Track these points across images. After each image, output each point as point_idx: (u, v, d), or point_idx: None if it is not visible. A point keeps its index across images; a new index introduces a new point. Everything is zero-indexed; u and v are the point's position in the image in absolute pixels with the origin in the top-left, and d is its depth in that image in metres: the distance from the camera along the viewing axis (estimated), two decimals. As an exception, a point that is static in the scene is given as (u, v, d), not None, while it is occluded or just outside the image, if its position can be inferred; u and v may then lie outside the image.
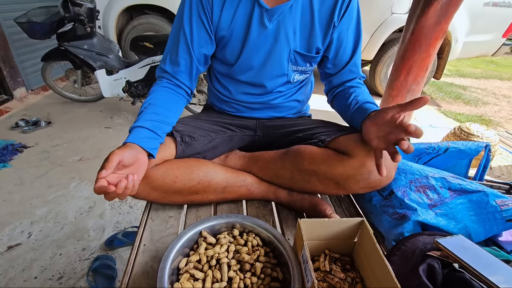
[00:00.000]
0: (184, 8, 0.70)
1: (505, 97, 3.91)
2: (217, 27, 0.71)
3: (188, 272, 0.53)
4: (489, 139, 0.94)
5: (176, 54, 0.72)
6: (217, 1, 0.68)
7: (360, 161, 0.60)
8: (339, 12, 0.69)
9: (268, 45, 0.72)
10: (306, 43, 0.72)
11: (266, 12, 0.68)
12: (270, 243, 0.59)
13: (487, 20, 2.87)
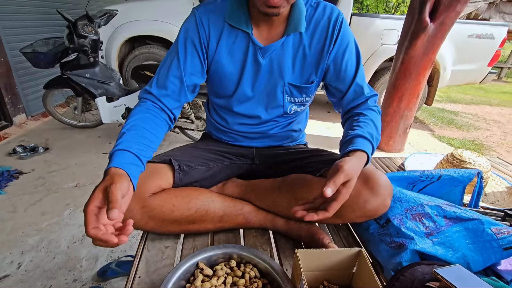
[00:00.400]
0: (180, 36, 0.72)
1: (495, 122, 4.01)
2: (212, 58, 0.73)
3: None
4: (481, 166, 0.97)
5: (165, 78, 0.71)
6: (213, 34, 0.72)
7: (355, 191, 0.61)
8: (331, 39, 0.72)
9: (263, 79, 0.75)
10: (300, 75, 0.76)
11: (260, 50, 0.72)
12: (268, 275, 0.58)
13: (472, 50, 3.04)
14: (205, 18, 0.71)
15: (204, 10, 0.71)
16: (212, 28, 0.71)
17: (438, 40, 2.11)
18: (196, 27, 0.71)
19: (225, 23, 0.71)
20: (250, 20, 0.70)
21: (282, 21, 0.71)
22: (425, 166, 1.17)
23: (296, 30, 0.70)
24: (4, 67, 2.32)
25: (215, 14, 0.71)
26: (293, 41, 0.72)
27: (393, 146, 2.53)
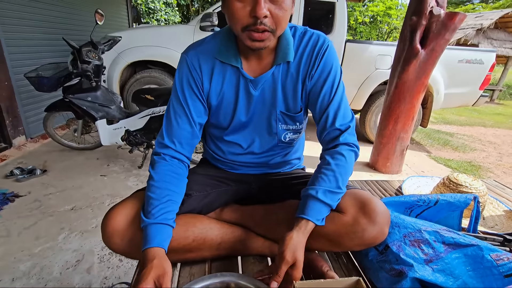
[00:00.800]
0: (177, 84, 0.74)
1: (491, 143, 4.06)
2: (208, 95, 0.75)
3: None
4: (477, 190, 0.97)
5: (176, 127, 0.73)
6: (206, 73, 0.73)
7: (352, 219, 0.61)
8: (314, 63, 0.72)
9: (257, 110, 0.77)
10: (291, 103, 0.76)
11: (251, 82, 0.73)
12: None
13: (463, 74, 3.14)
14: (196, 60, 0.72)
15: (193, 53, 0.73)
16: (203, 67, 0.73)
17: (429, 66, 2.19)
18: (189, 71, 0.72)
19: (215, 59, 0.72)
20: (239, 55, 0.71)
21: (270, 52, 0.72)
22: (422, 189, 1.18)
23: (284, 60, 0.71)
24: (8, 91, 2.37)
25: (204, 53, 0.73)
26: (282, 70, 0.73)
27: (390, 167, 2.55)
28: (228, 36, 0.71)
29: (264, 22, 0.58)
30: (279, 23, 0.61)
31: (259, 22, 0.58)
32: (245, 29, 0.60)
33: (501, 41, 7.79)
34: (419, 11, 2.08)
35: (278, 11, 0.59)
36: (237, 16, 0.59)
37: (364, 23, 14.47)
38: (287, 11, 0.61)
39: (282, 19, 0.61)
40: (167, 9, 10.53)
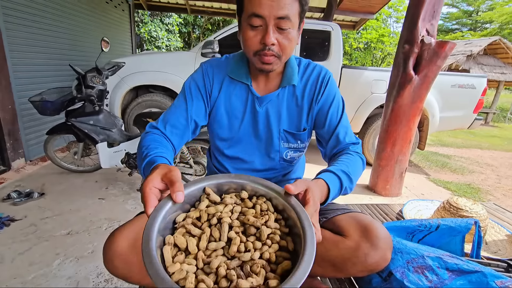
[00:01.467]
0: (188, 82, 0.83)
1: (488, 166, 4.09)
2: (214, 103, 0.83)
3: (184, 227, 0.47)
4: (477, 214, 0.98)
5: (173, 116, 0.79)
6: (216, 83, 0.83)
7: (355, 244, 0.61)
8: (319, 91, 0.82)
9: (261, 126, 0.84)
10: (294, 123, 0.84)
11: (257, 99, 0.82)
12: (283, 211, 0.53)
13: (457, 99, 3.24)
14: (211, 70, 0.84)
15: (209, 65, 0.85)
16: (215, 78, 0.83)
17: (423, 91, 2.27)
18: (202, 76, 0.83)
19: (226, 76, 0.83)
20: (249, 75, 0.82)
21: (277, 76, 0.83)
22: (423, 213, 1.18)
23: (289, 83, 0.81)
24: (11, 114, 2.40)
25: (218, 68, 0.84)
26: (288, 92, 0.83)
27: (390, 190, 2.54)
28: (241, 59, 0.83)
29: (272, 48, 0.70)
30: (284, 50, 0.72)
31: (267, 48, 0.69)
32: (256, 54, 0.72)
33: (491, 66, 8.09)
34: (411, 40, 2.18)
35: (284, 40, 0.70)
36: (250, 42, 0.71)
37: (358, 49, 15.04)
38: (292, 41, 0.71)
39: (287, 47, 0.71)
40: (169, 35, 10.95)
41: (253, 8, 0.67)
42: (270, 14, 0.66)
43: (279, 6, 0.66)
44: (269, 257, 0.47)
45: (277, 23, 0.68)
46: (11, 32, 2.38)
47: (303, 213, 0.50)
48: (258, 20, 0.68)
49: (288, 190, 0.54)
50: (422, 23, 2.15)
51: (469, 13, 18.82)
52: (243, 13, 0.71)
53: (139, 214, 0.74)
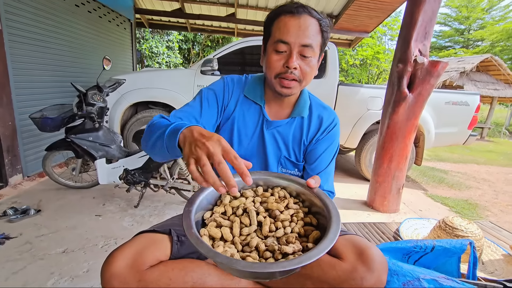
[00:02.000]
0: (207, 89, 0.87)
1: (485, 181, 4.11)
2: (229, 117, 0.87)
3: (214, 220, 0.52)
4: (473, 234, 0.99)
5: (185, 115, 0.80)
6: (234, 98, 0.88)
7: (351, 266, 0.62)
8: (322, 133, 0.87)
9: (265, 148, 0.87)
10: (295, 153, 0.88)
11: (266, 122, 0.87)
12: (299, 195, 0.61)
13: (451, 115, 3.30)
14: (231, 85, 0.89)
15: (231, 79, 0.91)
16: (234, 93, 0.88)
17: (418, 108, 2.32)
18: (223, 88, 0.88)
19: (242, 94, 0.88)
20: (264, 97, 0.87)
21: (290, 105, 0.88)
22: (419, 232, 1.19)
23: (300, 115, 0.86)
24: (10, 130, 2.41)
25: (238, 84, 0.90)
26: (296, 123, 0.88)
27: (388, 206, 2.54)
28: (258, 81, 0.89)
29: (294, 72, 0.76)
30: (305, 76, 0.78)
31: (289, 72, 0.75)
32: (277, 76, 0.78)
33: (484, 82, 8.28)
34: (404, 60, 2.26)
35: (305, 66, 0.77)
36: (274, 65, 0.77)
37: (355, 65, 15.37)
38: (312, 69, 0.78)
39: (308, 73, 0.78)
40: (169, 52, 11.17)
41: (281, 35, 0.74)
42: (295, 41, 0.73)
43: (305, 35, 0.73)
44: (298, 231, 0.55)
45: (301, 50, 0.75)
46: (14, 50, 2.44)
47: (322, 194, 0.59)
48: (284, 46, 0.74)
49: (309, 185, 0.63)
50: (414, 43, 2.23)
51: (461, 31, 19.43)
52: (270, 39, 0.78)
53: (138, 234, 0.74)
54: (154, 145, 0.68)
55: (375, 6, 4.48)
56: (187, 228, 0.49)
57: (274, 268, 0.43)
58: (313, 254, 0.46)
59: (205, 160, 0.50)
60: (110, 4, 4.11)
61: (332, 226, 0.51)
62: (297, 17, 0.74)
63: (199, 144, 0.52)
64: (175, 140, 0.58)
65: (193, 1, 5.27)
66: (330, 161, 0.89)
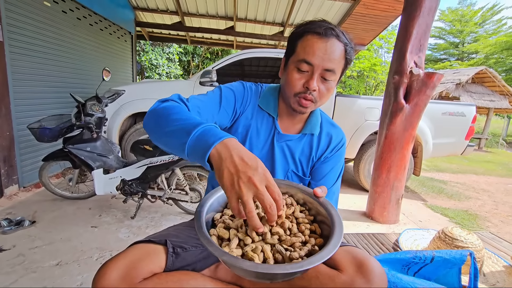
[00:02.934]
0: (224, 87, 0.85)
1: (484, 191, 4.10)
2: (247, 125, 0.87)
3: (223, 222, 0.54)
4: (472, 244, 0.97)
5: (204, 106, 0.76)
6: (251, 107, 0.87)
7: (350, 278, 0.61)
8: (329, 153, 0.89)
9: (274, 160, 0.88)
10: (302, 168, 0.89)
11: (277, 134, 0.87)
12: (305, 204, 0.63)
13: (448, 126, 3.33)
14: (250, 92, 0.89)
15: (250, 86, 0.90)
16: (252, 101, 0.88)
17: (415, 118, 2.33)
18: (243, 92, 0.87)
19: (257, 105, 0.88)
20: (277, 109, 0.88)
21: (301, 121, 0.89)
22: (419, 243, 1.17)
23: (311, 132, 0.87)
24: (8, 141, 2.41)
25: (255, 94, 0.90)
26: (306, 140, 0.89)
27: (387, 217, 2.52)
28: (273, 93, 0.89)
29: (313, 93, 0.76)
30: (322, 98, 0.79)
31: (308, 92, 0.76)
32: (296, 95, 0.78)
33: (480, 94, 8.39)
34: (400, 71, 2.29)
35: (324, 89, 0.77)
36: (294, 84, 0.77)
37: (352, 77, 15.58)
38: (330, 91, 0.79)
39: (325, 95, 0.79)
40: (169, 63, 11.32)
41: (306, 55, 0.74)
42: (319, 64, 0.73)
43: (329, 60, 0.73)
44: (304, 239, 0.56)
45: (323, 73, 0.75)
46: (15, 62, 2.46)
47: (328, 204, 0.61)
48: (307, 66, 0.74)
49: (316, 194, 0.64)
50: (410, 55, 2.27)
51: (456, 44, 19.84)
52: (294, 56, 0.77)
53: (133, 245, 0.73)
54: (168, 137, 0.59)
55: (371, 20, 4.60)
56: (198, 228, 0.51)
57: (277, 270, 0.44)
58: (314, 260, 0.47)
59: (251, 206, 0.46)
60: (112, 17, 4.19)
61: (335, 233, 0.52)
62: (325, 40, 0.73)
63: (244, 179, 0.47)
64: (204, 155, 0.51)
65: (193, 15, 5.39)
66: (336, 180, 0.90)
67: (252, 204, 0.47)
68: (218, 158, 0.50)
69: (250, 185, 0.47)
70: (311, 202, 0.64)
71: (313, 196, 0.64)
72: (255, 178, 0.47)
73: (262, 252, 0.51)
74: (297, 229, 0.58)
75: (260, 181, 0.47)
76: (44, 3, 2.77)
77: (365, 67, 14.23)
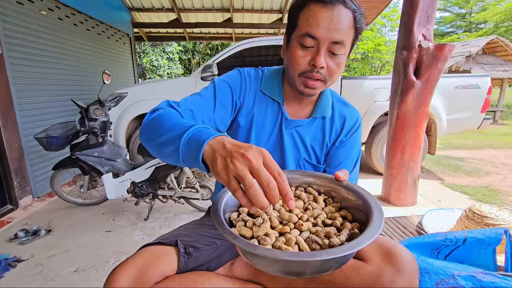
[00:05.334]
0: (219, 81, 0.77)
1: (504, 165, 3.94)
2: (248, 116, 0.80)
3: (242, 220, 0.50)
4: (505, 221, 0.90)
5: (198, 108, 0.70)
6: (251, 95, 0.80)
7: (378, 269, 0.55)
8: (345, 136, 0.81)
9: (284, 148, 0.81)
10: (316, 155, 0.82)
11: (285, 121, 0.79)
12: (328, 193, 0.59)
13: (462, 100, 3.18)
14: (249, 78, 0.81)
15: (248, 72, 0.82)
16: (251, 89, 0.80)
17: (427, 95, 2.23)
18: (240, 81, 0.79)
19: (259, 91, 0.80)
20: (282, 93, 0.79)
21: (310, 103, 0.81)
22: (444, 224, 1.10)
23: (322, 115, 0.79)
24: (18, 153, 2.42)
25: (255, 79, 0.81)
26: (317, 124, 0.81)
27: (404, 199, 2.44)
28: (276, 76, 0.81)
29: (321, 71, 0.67)
30: (332, 76, 0.69)
31: (315, 71, 0.67)
32: (301, 75, 0.69)
33: (492, 65, 8.05)
34: (408, 46, 2.17)
35: (333, 65, 0.68)
36: (298, 62, 0.68)
37: (356, 60, 15.21)
38: (340, 67, 0.69)
39: (336, 73, 0.69)
40: (170, 63, 11.30)
41: (309, 28, 0.65)
42: (325, 37, 0.64)
43: (337, 30, 0.64)
44: (337, 225, 0.51)
45: (330, 47, 0.66)
46: (16, 73, 2.46)
47: (354, 185, 0.57)
48: (311, 41, 0.65)
49: (338, 177, 0.59)
50: (417, 28, 2.15)
51: (462, 15, 19.07)
52: (296, 31, 0.68)
53: (141, 248, 0.70)
54: (162, 146, 0.57)
55: (372, -3, 4.41)
56: (219, 226, 0.45)
57: (326, 256, 0.38)
58: (364, 239, 0.41)
59: (250, 178, 0.40)
60: (108, 20, 4.16)
61: (373, 211, 0.47)
62: (330, 8, 0.63)
63: (237, 156, 0.42)
64: (198, 155, 0.47)
65: (189, 10, 5.30)
66: (354, 166, 0.83)
67: (251, 177, 0.41)
68: (211, 152, 0.46)
69: (244, 159, 0.41)
70: (334, 189, 0.58)
71: (335, 182, 0.58)
72: (248, 153, 0.42)
73: (296, 244, 0.46)
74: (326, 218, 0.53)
75: (255, 156, 0.42)
76: (40, 12, 2.75)
77: (369, 48, 13.85)
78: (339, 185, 0.58)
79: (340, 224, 0.51)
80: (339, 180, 0.58)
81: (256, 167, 0.41)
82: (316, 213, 0.53)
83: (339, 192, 0.57)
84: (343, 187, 0.57)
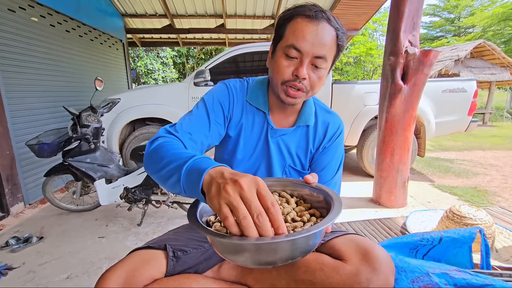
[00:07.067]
0: (208, 99, 0.80)
1: (492, 166, 4.03)
2: (237, 127, 0.83)
3: (219, 221, 0.52)
4: (482, 221, 0.95)
5: (194, 129, 0.73)
6: (238, 107, 0.83)
7: (356, 269, 0.58)
8: (327, 142, 0.85)
9: (270, 156, 0.84)
10: (301, 161, 0.86)
11: (271, 130, 0.83)
12: (301, 196, 0.63)
13: (449, 103, 3.27)
14: (235, 91, 0.83)
15: (233, 84, 0.84)
16: (238, 100, 0.83)
17: (414, 98, 2.29)
18: (228, 94, 0.82)
19: (245, 101, 0.83)
20: (267, 103, 0.83)
21: (294, 112, 0.84)
22: (427, 224, 1.14)
23: (305, 123, 0.83)
24: (9, 160, 2.41)
25: (241, 90, 0.84)
26: (301, 132, 0.85)
27: (395, 201, 2.49)
28: (261, 86, 0.84)
29: (302, 82, 0.71)
30: (313, 87, 0.73)
31: (298, 81, 0.71)
32: (284, 83, 0.72)
33: (480, 68, 8.25)
34: (395, 52, 2.24)
35: (315, 77, 0.72)
36: (282, 71, 0.71)
37: (349, 64, 15.42)
38: (321, 80, 0.73)
39: (317, 84, 0.73)
40: (164, 68, 11.30)
41: (294, 40, 0.68)
42: (309, 51, 0.68)
43: (320, 46, 0.68)
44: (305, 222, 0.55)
45: (313, 60, 0.70)
46: (8, 80, 2.46)
47: (321, 186, 0.61)
48: (295, 53, 0.69)
49: (307, 180, 0.61)
50: (404, 34, 2.22)
51: (451, 20, 19.51)
52: (282, 41, 0.72)
53: (131, 253, 0.72)
54: (166, 178, 0.58)
55: (362, 3, 4.51)
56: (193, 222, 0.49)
57: (287, 238, 0.41)
58: (322, 223, 0.46)
59: (243, 209, 0.40)
60: (100, 26, 4.17)
61: (334, 204, 0.52)
62: (315, 23, 0.67)
63: (230, 182, 0.42)
64: (198, 183, 0.48)
65: (182, 16, 5.34)
66: (337, 170, 0.86)
67: (244, 208, 0.41)
68: (209, 180, 0.47)
69: (235, 186, 0.42)
70: (308, 193, 0.62)
71: (305, 185, 0.62)
72: (242, 180, 0.42)
73: None
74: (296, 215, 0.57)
75: (247, 184, 0.42)
76: (31, 19, 2.75)
77: (361, 52, 14.07)
78: (308, 187, 0.62)
79: (307, 220, 0.55)
80: (308, 183, 0.62)
81: (248, 196, 0.41)
82: (287, 211, 0.56)
83: (311, 195, 0.62)
84: (312, 188, 0.61)
